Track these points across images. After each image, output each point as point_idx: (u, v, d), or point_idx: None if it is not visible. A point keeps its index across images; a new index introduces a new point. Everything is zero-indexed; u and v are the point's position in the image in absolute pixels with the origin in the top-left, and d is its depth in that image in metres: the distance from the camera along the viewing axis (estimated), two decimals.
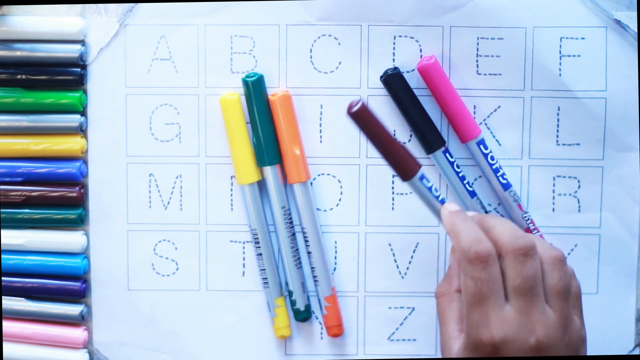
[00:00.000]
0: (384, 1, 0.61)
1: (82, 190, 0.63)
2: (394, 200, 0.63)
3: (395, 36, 0.62)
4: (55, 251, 0.63)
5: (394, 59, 0.62)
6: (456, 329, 0.55)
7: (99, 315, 0.64)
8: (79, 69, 0.62)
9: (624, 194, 0.63)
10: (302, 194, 0.62)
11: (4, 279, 0.63)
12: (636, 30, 0.61)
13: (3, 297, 0.63)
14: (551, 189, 0.63)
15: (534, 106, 0.62)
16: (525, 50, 0.61)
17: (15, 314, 0.63)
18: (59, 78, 0.62)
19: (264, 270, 0.63)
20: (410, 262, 0.64)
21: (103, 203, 0.63)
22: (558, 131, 0.62)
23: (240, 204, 0.63)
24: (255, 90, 0.61)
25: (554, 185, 0.63)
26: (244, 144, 0.62)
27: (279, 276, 0.63)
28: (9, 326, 0.63)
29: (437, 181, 0.62)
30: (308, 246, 0.62)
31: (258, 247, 0.62)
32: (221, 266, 0.64)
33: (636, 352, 0.63)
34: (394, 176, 0.63)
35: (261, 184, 0.62)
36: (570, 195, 0.63)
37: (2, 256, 0.63)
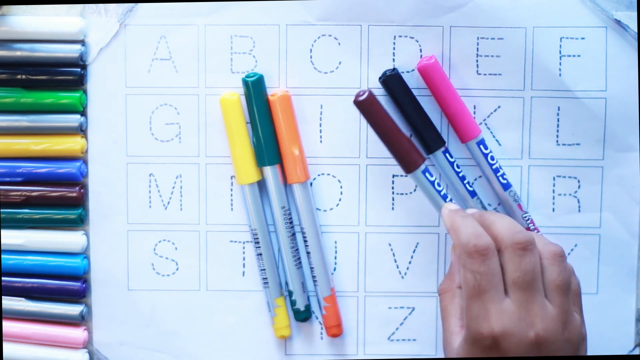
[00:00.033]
0: (384, 1, 0.61)
1: (82, 190, 0.63)
2: (394, 200, 0.63)
3: (395, 36, 0.62)
4: (55, 251, 0.63)
5: (394, 59, 0.62)
6: (457, 324, 0.56)
7: (99, 315, 0.64)
8: (79, 69, 0.62)
9: (624, 194, 0.63)
10: (301, 194, 0.62)
11: (4, 279, 0.63)
12: (636, 30, 0.61)
13: (3, 297, 0.63)
14: (551, 189, 0.63)
15: (534, 106, 0.62)
16: (525, 50, 0.61)
17: (15, 314, 0.63)
18: (59, 78, 0.62)
19: (264, 270, 0.63)
20: (410, 262, 0.64)
21: (103, 203, 0.63)
22: (558, 131, 0.62)
23: (240, 204, 0.63)
24: (255, 90, 0.61)
25: (554, 185, 0.63)
26: (244, 144, 0.62)
27: (279, 276, 0.63)
28: (9, 326, 0.63)
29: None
30: (307, 246, 0.62)
31: (258, 247, 0.62)
32: (221, 266, 0.64)
33: (636, 352, 0.63)
34: (394, 176, 0.63)
35: (261, 184, 0.62)
36: (570, 195, 0.63)
37: (2, 256, 0.63)
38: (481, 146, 0.61)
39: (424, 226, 0.63)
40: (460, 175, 0.62)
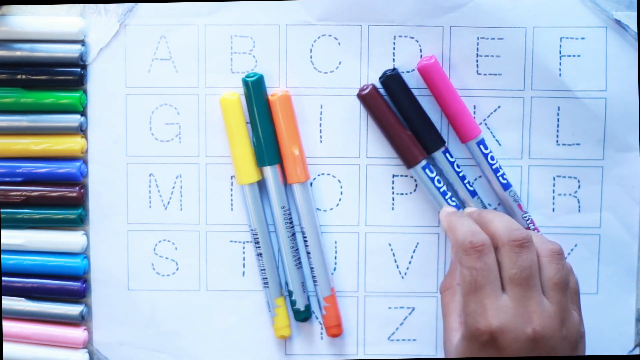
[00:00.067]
0: (384, 1, 0.61)
1: (82, 190, 0.63)
2: (394, 200, 0.63)
3: (395, 36, 0.62)
4: (55, 251, 0.63)
5: (394, 59, 0.62)
6: (457, 321, 0.56)
7: (99, 315, 0.64)
8: (79, 69, 0.62)
9: (624, 194, 0.63)
10: (301, 194, 0.62)
11: (4, 279, 0.63)
12: (636, 30, 0.61)
13: (3, 297, 0.63)
14: (551, 189, 0.63)
15: (534, 106, 0.62)
16: (525, 50, 0.61)
17: (15, 314, 0.63)
18: (59, 78, 0.62)
19: (264, 270, 0.63)
20: (410, 262, 0.64)
21: (103, 203, 0.63)
22: (558, 131, 0.62)
23: (240, 204, 0.63)
24: (255, 90, 0.61)
25: (554, 185, 0.63)
26: (244, 144, 0.62)
27: (279, 276, 0.63)
28: (9, 326, 0.63)
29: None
30: (307, 246, 0.62)
31: (258, 247, 0.62)
32: (221, 266, 0.64)
33: (636, 352, 0.63)
34: (394, 176, 0.63)
35: (261, 184, 0.62)
36: (570, 195, 0.63)
37: (2, 256, 0.63)
38: (481, 146, 0.61)
39: (424, 226, 0.63)
40: (461, 175, 0.62)
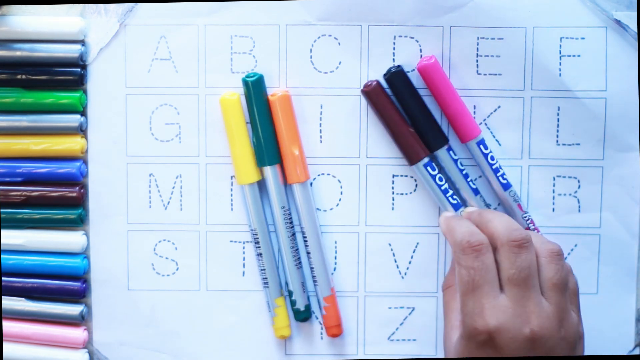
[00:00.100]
0: (384, 1, 0.61)
1: (82, 190, 0.63)
2: (394, 200, 0.63)
3: (395, 36, 0.62)
4: (55, 251, 0.63)
5: (394, 59, 0.62)
6: (458, 319, 0.57)
7: (99, 315, 0.64)
8: (79, 69, 0.62)
9: (624, 194, 0.63)
10: (301, 194, 0.62)
11: (4, 279, 0.63)
12: (636, 30, 0.61)
13: (3, 297, 0.63)
14: (551, 189, 0.63)
15: (534, 106, 0.62)
16: (525, 50, 0.61)
17: (15, 314, 0.63)
18: (59, 78, 0.62)
19: (264, 270, 0.63)
20: (410, 262, 0.64)
21: (103, 203, 0.63)
22: (558, 131, 0.62)
23: (240, 204, 0.63)
24: (255, 90, 0.61)
25: (554, 185, 0.63)
26: (244, 144, 0.62)
27: (279, 276, 0.63)
28: (9, 326, 0.63)
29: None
30: (307, 246, 0.62)
31: (258, 247, 0.62)
32: (221, 266, 0.64)
33: (636, 352, 0.63)
34: (394, 176, 0.63)
35: (261, 184, 0.62)
36: (570, 195, 0.63)
37: (2, 256, 0.63)
38: (481, 146, 0.61)
39: (424, 226, 0.63)
40: (464, 172, 0.62)
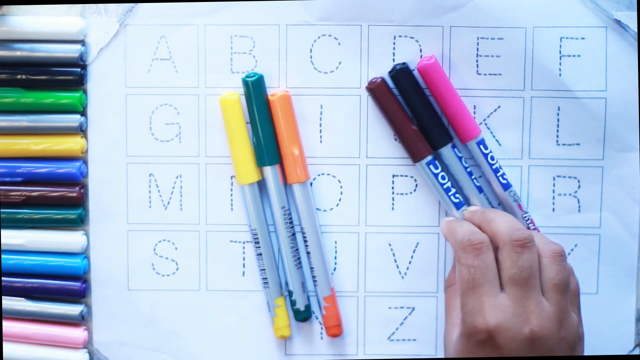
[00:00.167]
0: (384, 1, 0.61)
1: (82, 190, 0.63)
2: (394, 200, 0.63)
3: (395, 36, 0.62)
4: (55, 251, 0.63)
5: (394, 59, 0.62)
6: (458, 317, 0.57)
7: (99, 315, 0.64)
8: (79, 69, 0.62)
9: (624, 194, 0.63)
10: (301, 194, 0.62)
11: (4, 279, 0.63)
12: (636, 30, 0.61)
13: (3, 297, 0.63)
14: (551, 189, 0.63)
15: (534, 106, 0.62)
16: (525, 50, 0.61)
17: (15, 314, 0.63)
18: (59, 78, 0.62)
19: (264, 270, 0.63)
20: (410, 262, 0.64)
21: (103, 203, 0.63)
22: (558, 131, 0.62)
23: (240, 204, 0.63)
24: (255, 90, 0.61)
25: (554, 185, 0.63)
26: (244, 144, 0.62)
27: (279, 276, 0.63)
28: (9, 326, 0.63)
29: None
30: (307, 246, 0.62)
31: (258, 247, 0.62)
32: (221, 266, 0.64)
33: (636, 352, 0.63)
34: (394, 176, 0.63)
35: (261, 184, 0.62)
36: (570, 195, 0.63)
37: (2, 256, 0.63)
38: (481, 146, 0.61)
39: (424, 226, 0.63)
40: (468, 170, 0.62)
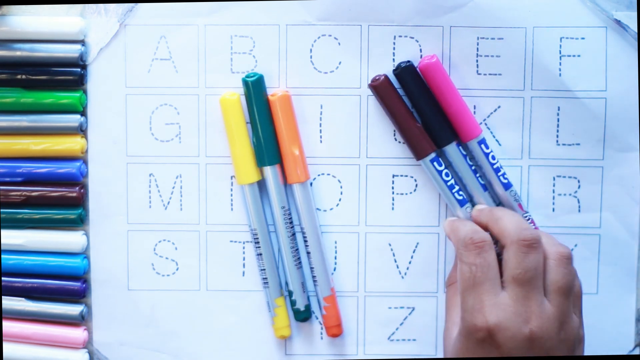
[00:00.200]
0: (384, 1, 0.61)
1: (82, 190, 0.63)
2: (394, 200, 0.63)
3: (395, 36, 0.62)
4: (55, 251, 0.63)
5: (394, 59, 0.62)
6: (459, 315, 0.56)
7: (99, 315, 0.64)
8: (79, 69, 0.62)
9: (624, 194, 0.63)
10: (301, 194, 0.62)
11: (4, 279, 0.63)
12: (636, 30, 0.61)
13: (3, 297, 0.63)
14: (551, 189, 0.63)
15: (534, 106, 0.62)
16: (525, 50, 0.61)
17: (15, 314, 0.63)
18: (59, 78, 0.62)
19: (264, 270, 0.63)
20: (410, 262, 0.64)
21: (103, 203, 0.63)
22: (558, 131, 0.62)
23: (240, 204, 0.63)
24: (255, 90, 0.61)
25: (554, 185, 0.63)
26: (244, 144, 0.62)
27: (279, 276, 0.63)
28: (9, 326, 0.63)
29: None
30: (307, 246, 0.62)
31: (258, 247, 0.62)
32: (221, 266, 0.64)
33: (636, 352, 0.63)
34: (394, 176, 0.63)
35: (261, 184, 0.62)
36: (570, 195, 0.63)
37: (2, 256, 0.63)
38: (482, 146, 0.61)
39: (424, 226, 0.63)
40: (473, 168, 0.62)
